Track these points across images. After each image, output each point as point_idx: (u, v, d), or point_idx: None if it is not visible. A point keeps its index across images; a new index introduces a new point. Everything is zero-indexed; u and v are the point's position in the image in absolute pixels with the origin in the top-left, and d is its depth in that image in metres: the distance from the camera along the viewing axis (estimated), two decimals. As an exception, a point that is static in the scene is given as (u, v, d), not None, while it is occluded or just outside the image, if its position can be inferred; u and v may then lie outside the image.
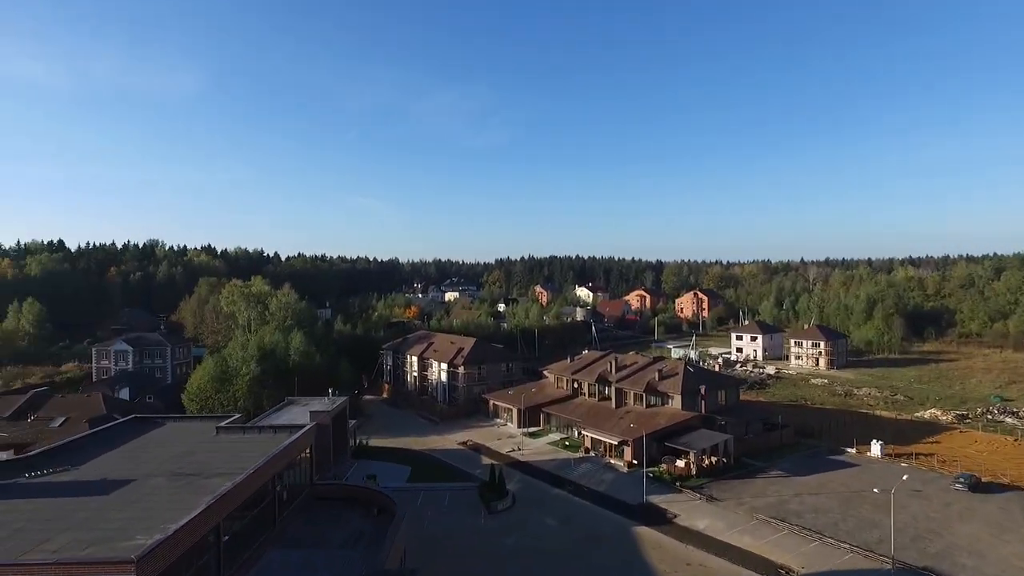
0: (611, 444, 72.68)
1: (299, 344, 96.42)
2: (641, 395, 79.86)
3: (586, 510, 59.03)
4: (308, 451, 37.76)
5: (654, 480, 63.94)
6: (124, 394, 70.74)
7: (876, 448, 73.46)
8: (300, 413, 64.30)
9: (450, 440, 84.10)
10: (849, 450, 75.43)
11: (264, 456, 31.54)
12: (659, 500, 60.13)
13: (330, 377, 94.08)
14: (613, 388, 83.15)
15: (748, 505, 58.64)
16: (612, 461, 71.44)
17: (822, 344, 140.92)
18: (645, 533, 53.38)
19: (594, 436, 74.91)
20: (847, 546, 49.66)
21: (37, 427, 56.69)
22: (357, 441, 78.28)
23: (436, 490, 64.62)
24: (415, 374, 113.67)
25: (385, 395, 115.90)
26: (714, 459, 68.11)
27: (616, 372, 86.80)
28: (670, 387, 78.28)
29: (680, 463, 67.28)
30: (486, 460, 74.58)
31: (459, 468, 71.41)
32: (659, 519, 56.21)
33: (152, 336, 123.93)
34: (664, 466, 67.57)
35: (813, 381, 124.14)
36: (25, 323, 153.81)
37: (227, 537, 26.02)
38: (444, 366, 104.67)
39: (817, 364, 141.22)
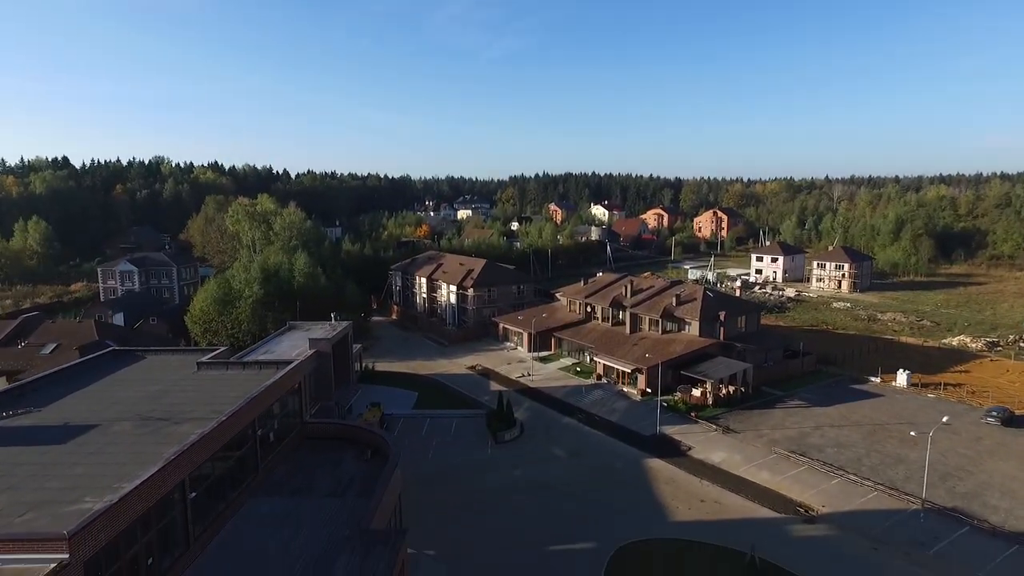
0: (624, 371, 70.05)
1: (303, 265, 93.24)
2: (657, 321, 76.44)
3: (597, 441, 57.01)
4: (299, 386, 34.92)
5: (668, 410, 61.52)
6: (119, 319, 68.43)
7: (902, 378, 70.18)
8: (301, 339, 61.85)
9: (458, 364, 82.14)
10: (873, 379, 72.27)
11: (244, 397, 28.59)
12: (673, 431, 57.86)
13: (337, 299, 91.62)
14: (628, 313, 79.73)
15: (767, 438, 56.17)
16: (625, 389, 69.04)
17: (846, 266, 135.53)
18: (658, 466, 51.30)
19: (607, 363, 72.24)
20: (871, 483, 47.19)
21: (28, 353, 54.80)
22: (363, 366, 76.45)
23: (442, 418, 62.89)
24: (424, 296, 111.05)
25: (394, 317, 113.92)
26: (731, 388, 65.32)
27: (631, 296, 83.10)
28: (688, 313, 74.64)
29: (696, 392, 64.62)
30: (495, 386, 72.63)
31: (467, 394, 69.53)
32: (673, 451, 54.04)
33: (157, 256, 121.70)
34: (679, 395, 65.02)
35: (835, 305, 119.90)
36: (32, 242, 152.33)
37: (194, 494, 23.35)
38: (453, 288, 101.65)
39: (839, 287, 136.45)
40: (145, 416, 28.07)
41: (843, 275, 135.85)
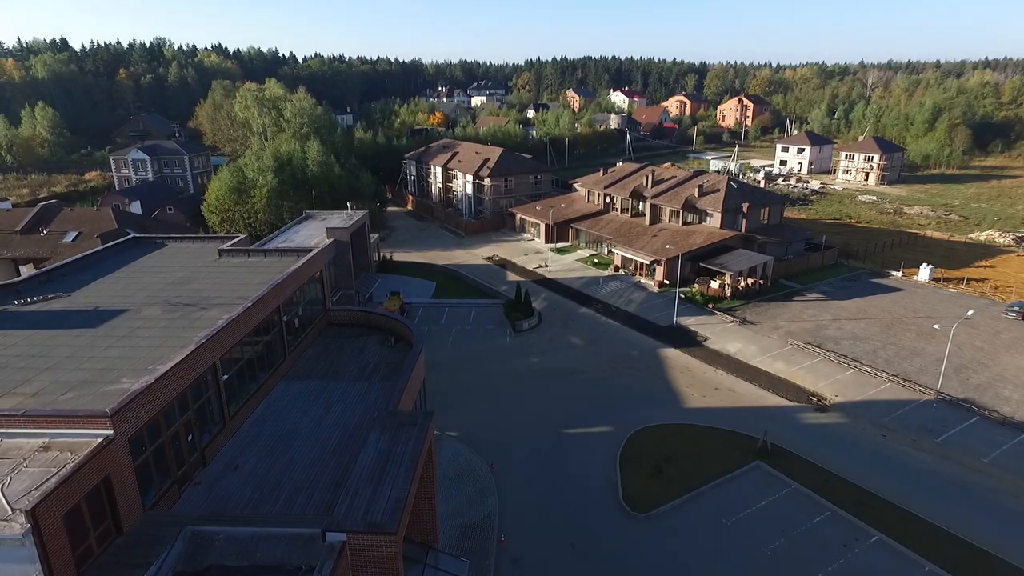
0: (642, 263, 69.74)
1: (316, 154, 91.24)
2: (678, 212, 75.00)
3: (614, 331, 57.76)
4: (320, 274, 34.97)
5: (686, 301, 61.75)
6: (136, 207, 68.06)
7: (925, 272, 69.31)
8: (318, 229, 61.59)
9: (475, 255, 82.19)
10: (894, 273, 71.50)
11: (268, 284, 28.67)
12: (690, 322, 58.35)
13: (351, 189, 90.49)
14: (648, 204, 78.16)
15: (783, 330, 56.54)
16: (643, 281, 69.04)
17: (876, 158, 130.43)
18: (674, 356, 52.19)
19: (625, 254, 71.80)
20: (885, 375, 47.83)
21: (51, 241, 55.23)
22: (380, 256, 76.71)
23: (461, 306, 63.74)
24: (439, 186, 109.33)
25: (409, 207, 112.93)
26: (750, 281, 65.04)
27: (652, 187, 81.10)
28: (710, 204, 72.96)
29: (714, 284, 64.48)
30: (512, 276, 72.97)
31: (484, 284, 70.04)
32: (689, 342, 54.76)
33: (169, 144, 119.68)
34: (697, 287, 64.98)
35: (860, 198, 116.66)
36: (41, 129, 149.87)
37: (226, 376, 23.97)
38: (469, 178, 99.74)
39: (867, 179, 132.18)
40: (172, 302, 28.36)
41: (872, 167, 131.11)
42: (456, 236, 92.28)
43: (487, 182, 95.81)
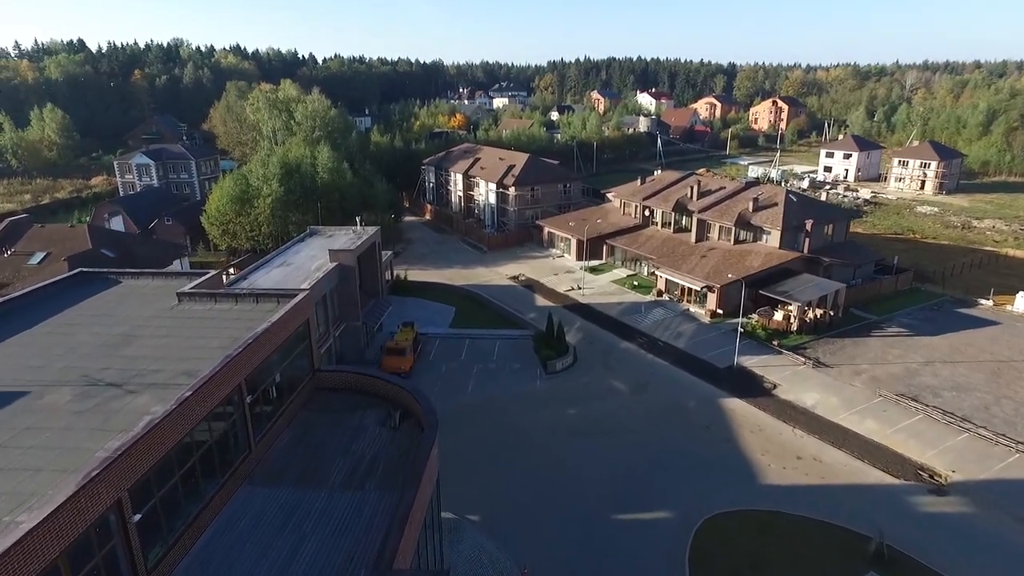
0: (692, 289, 60.92)
1: (327, 160, 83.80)
2: (730, 229, 66.10)
3: (663, 372, 49.18)
4: (306, 326, 27.04)
5: (744, 336, 52.84)
6: (117, 223, 60.37)
7: (1022, 301, 59.62)
8: (322, 248, 53.93)
9: (499, 273, 73.99)
10: (984, 302, 61.91)
11: (225, 355, 20.76)
12: (753, 363, 49.52)
13: (364, 199, 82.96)
14: (695, 219, 69.31)
15: (866, 375, 47.45)
16: (691, 309, 60.28)
17: (934, 164, 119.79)
18: (739, 409, 43.45)
19: (671, 278, 63.00)
20: (1010, 443, 38.59)
21: (15, 263, 48.23)
22: (394, 275, 68.90)
23: (483, 338, 55.55)
24: (460, 194, 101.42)
25: (427, 217, 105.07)
26: (819, 311, 55.96)
27: (698, 199, 72.24)
28: (767, 220, 63.95)
29: (778, 315, 55.53)
30: (541, 301, 64.71)
31: (510, 310, 61.75)
32: (755, 389, 45.97)
33: (175, 148, 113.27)
34: (756, 318, 56.08)
35: (919, 209, 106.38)
36: (50, 132, 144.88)
37: (138, 516, 16.03)
38: (492, 186, 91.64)
39: (922, 188, 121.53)
40: (93, 379, 20.54)
41: (930, 175, 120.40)
42: (478, 251, 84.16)
43: (512, 191, 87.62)
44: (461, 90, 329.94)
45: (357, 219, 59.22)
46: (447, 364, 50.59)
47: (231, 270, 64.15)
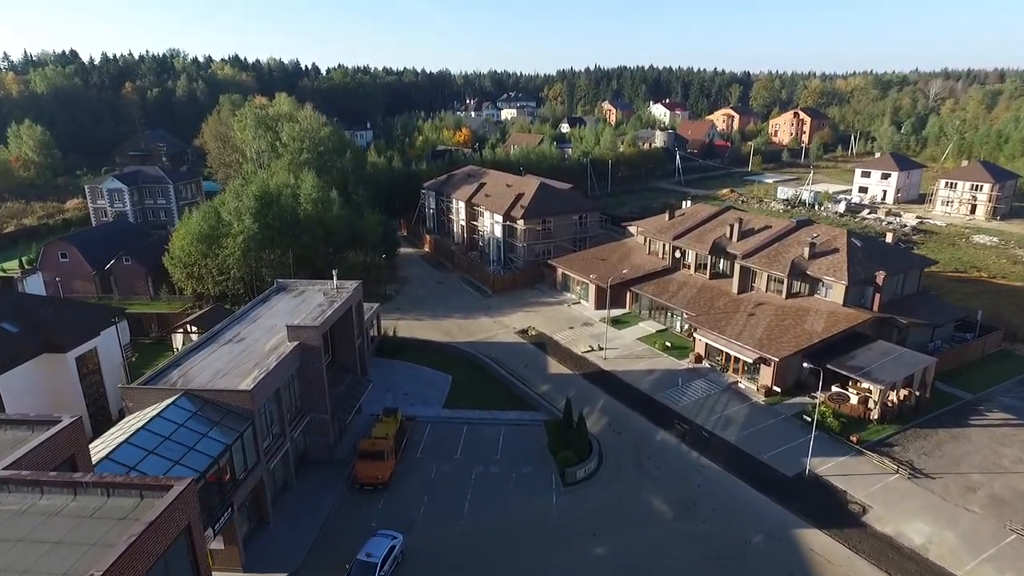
0: (741, 359, 49.94)
1: (311, 189, 73.77)
2: (782, 279, 55.30)
3: (713, 480, 38.37)
4: (188, 534, 16.64)
5: (809, 426, 41.80)
6: (34, 283, 48.95)
7: None
8: (286, 314, 43.63)
9: (505, 326, 63.37)
10: (1097, 372, 50.67)
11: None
12: (828, 469, 38.63)
13: (353, 233, 72.94)
14: (737, 266, 58.55)
15: (983, 492, 36.39)
16: (741, 384, 49.36)
17: (987, 187, 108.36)
18: (822, 548, 32.52)
19: (714, 343, 52.05)
20: None
21: None
22: (381, 332, 58.48)
23: (485, 423, 45.03)
24: (462, 224, 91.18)
25: (426, 248, 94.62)
26: (904, 392, 44.97)
27: (739, 240, 61.48)
28: (827, 270, 53.07)
29: (853, 398, 44.60)
30: (554, 366, 54.10)
31: (518, 382, 50.94)
32: (838, 513, 35.06)
33: (151, 171, 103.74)
34: (824, 401, 45.05)
35: (976, 239, 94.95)
36: (27, 149, 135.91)
37: None
38: (498, 218, 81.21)
39: (972, 212, 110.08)
40: None
41: (982, 198, 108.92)
42: (481, 294, 73.50)
43: (520, 225, 77.12)
44: (468, 101, 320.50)
45: (334, 273, 48.67)
46: (438, 466, 40.05)
47: (192, 327, 54.01)
